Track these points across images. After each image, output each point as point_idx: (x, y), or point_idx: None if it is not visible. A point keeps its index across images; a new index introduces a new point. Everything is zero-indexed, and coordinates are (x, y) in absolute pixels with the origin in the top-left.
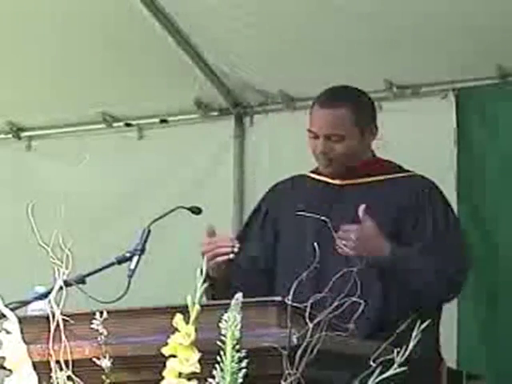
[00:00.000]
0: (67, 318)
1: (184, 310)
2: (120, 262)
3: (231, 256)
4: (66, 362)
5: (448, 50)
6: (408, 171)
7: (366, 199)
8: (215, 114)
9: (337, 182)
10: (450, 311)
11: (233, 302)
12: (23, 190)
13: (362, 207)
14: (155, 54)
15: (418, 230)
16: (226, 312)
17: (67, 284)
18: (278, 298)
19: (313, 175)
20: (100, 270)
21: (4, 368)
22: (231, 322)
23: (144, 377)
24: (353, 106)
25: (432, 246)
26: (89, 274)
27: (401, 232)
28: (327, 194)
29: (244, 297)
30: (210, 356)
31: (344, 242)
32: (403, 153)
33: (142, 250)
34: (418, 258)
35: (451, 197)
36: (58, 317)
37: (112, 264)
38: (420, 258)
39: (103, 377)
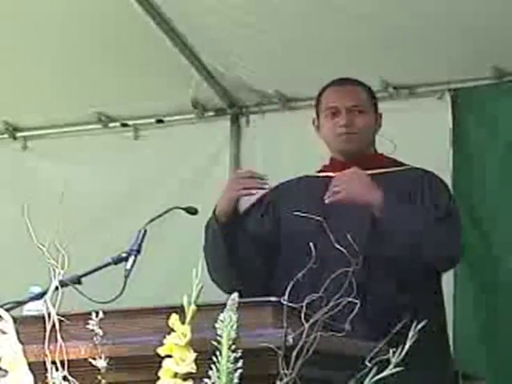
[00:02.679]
0: (63, 319)
1: (182, 310)
2: (116, 262)
3: (256, 192)
4: (63, 363)
5: (444, 50)
6: (409, 165)
7: None
8: (211, 114)
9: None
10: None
11: (229, 302)
12: (19, 190)
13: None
14: (151, 54)
15: None
16: (222, 312)
17: (63, 284)
18: (274, 298)
19: (318, 174)
20: (96, 270)
21: (0, 368)
22: (227, 322)
23: (143, 377)
24: (368, 89)
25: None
26: (84, 275)
27: None
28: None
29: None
30: (206, 356)
31: (335, 188)
32: (399, 153)
33: (138, 251)
34: (413, 211)
35: None
36: (54, 317)
37: (108, 264)
38: (417, 211)
39: (99, 377)
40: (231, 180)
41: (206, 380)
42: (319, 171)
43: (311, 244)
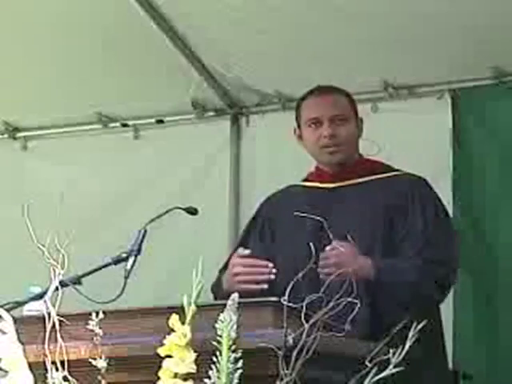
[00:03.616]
0: (63, 319)
1: (182, 310)
2: (116, 262)
3: (265, 286)
4: (63, 363)
5: (444, 50)
6: (397, 170)
7: (357, 200)
8: (211, 114)
9: (328, 185)
10: (445, 312)
11: (229, 302)
12: (19, 190)
13: (330, 247)
14: (151, 55)
15: (408, 230)
16: (222, 312)
17: (63, 284)
18: (274, 299)
19: (304, 183)
20: (96, 270)
21: (0, 368)
22: (227, 322)
23: (143, 377)
24: (348, 96)
25: (420, 247)
26: (84, 275)
27: (392, 231)
28: (319, 197)
29: None
30: (206, 356)
31: (325, 269)
32: (399, 153)
33: (138, 251)
34: (402, 264)
35: (447, 197)
36: (54, 317)
37: (108, 264)
38: (405, 264)
39: (99, 377)
40: (235, 265)
41: (206, 380)
42: (305, 179)
43: (311, 245)
